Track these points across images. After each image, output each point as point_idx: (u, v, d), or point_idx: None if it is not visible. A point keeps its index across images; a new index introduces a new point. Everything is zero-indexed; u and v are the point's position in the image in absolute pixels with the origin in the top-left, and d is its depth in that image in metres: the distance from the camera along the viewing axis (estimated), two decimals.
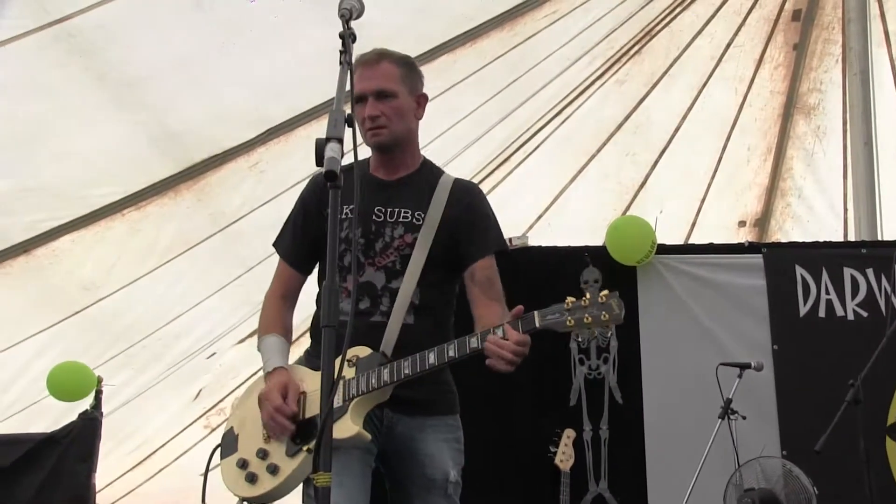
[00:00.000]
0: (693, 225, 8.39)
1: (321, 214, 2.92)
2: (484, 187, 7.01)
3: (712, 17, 7.36)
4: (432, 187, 3.03)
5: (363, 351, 2.79)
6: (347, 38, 2.53)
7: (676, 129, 8.04)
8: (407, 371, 2.67)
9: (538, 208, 8.06)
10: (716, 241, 6.75)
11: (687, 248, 6.20)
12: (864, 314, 5.46)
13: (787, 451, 5.07)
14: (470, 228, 2.95)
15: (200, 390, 8.04)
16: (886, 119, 7.09)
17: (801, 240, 8.29)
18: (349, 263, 2.88)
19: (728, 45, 7.59)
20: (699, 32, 7.44)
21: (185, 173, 6.24)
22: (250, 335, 7.56)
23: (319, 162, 2.25)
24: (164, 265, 6.66)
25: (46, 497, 6.04)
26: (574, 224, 8.04)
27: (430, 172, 3.11)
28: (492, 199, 3.21)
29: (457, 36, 6.32)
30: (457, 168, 6.88)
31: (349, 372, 2.74)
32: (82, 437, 6.24)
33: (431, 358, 2.66)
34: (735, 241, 8.30)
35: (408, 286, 2.90)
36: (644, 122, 7.88)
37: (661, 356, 5.48)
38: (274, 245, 3.15)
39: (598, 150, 7.86)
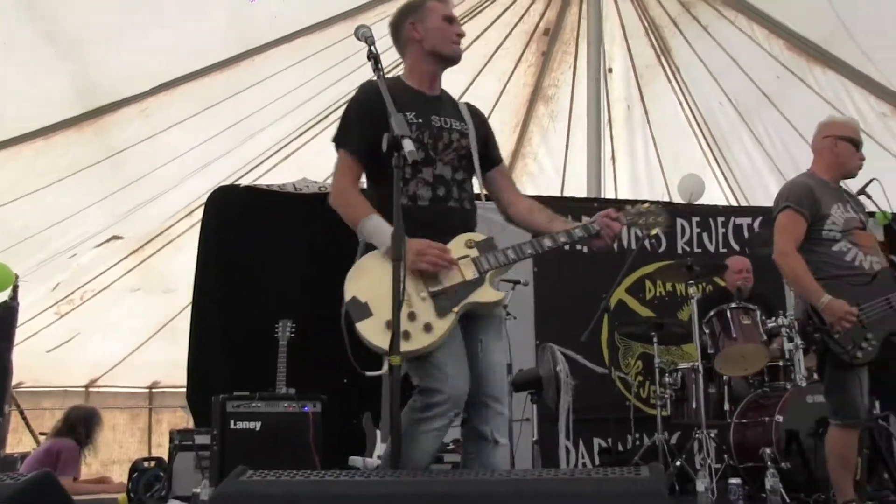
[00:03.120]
0: None
1: (382, 118, 2.99)
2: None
3: (489, 26, 9.31)
4: (455, 104, 3.45)
5: (477, 236, 3.20)
6: (378, 56, 3.03)
7: None
8: (529, 251, 3.19)
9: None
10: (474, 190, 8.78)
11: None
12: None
13: (539, 341, 6.40)
14: (490, 137, 3.47)
15: (58, 283, 9.30)
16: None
17: (532, 189, 10.42)
18: (423, 158, 3.15)
19: (498, 48, 9.56)
20: (479, 36, 9.27)
21: (91, 114, 7.53)
22: (107, 241, 9.02)
23: (393, 151, 2.81)
24: (59, 181, 7.88)
25: None
26: None
27: (448, 93, 3.50)
28: (309, 150, 5.39)
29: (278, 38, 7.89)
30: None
31: (472, 252, 3.12)
32: (4, 322, 7.43)
33: (548, 242, 3.21)
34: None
35: (472, 180, 3.35)
36: None
37: None
38: (341, 146, 3.26)
39: None
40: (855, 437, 4.22)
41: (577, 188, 10.03)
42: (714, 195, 10.08)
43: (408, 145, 2.80)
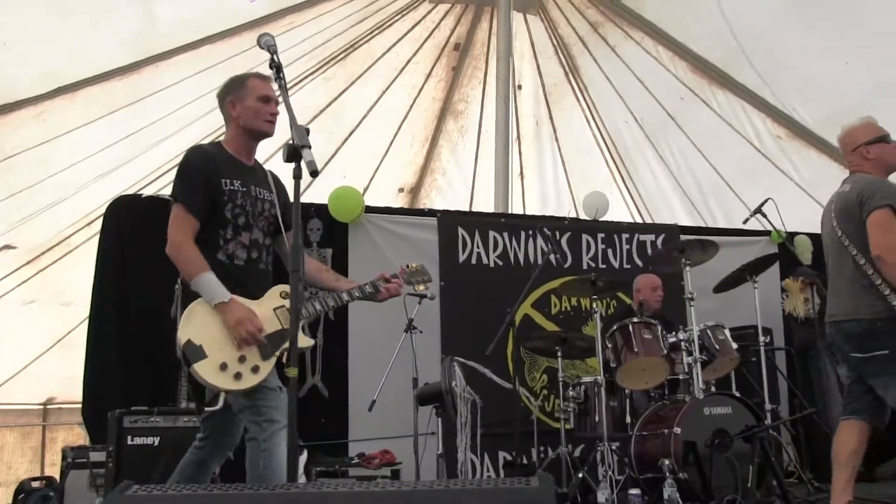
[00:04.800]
0: (366, 189, 10.19)
1: (219, 181, 3.61)
2: None
3: (399, 39, 9.33)
4: (265, 175, 3.84)
5: (289, 288, 3.41)
6: (281, 65, 3.28)
7: (363, 118, 9.82)
8: (331, 303, 3.76)
9: None
10: (381, 203, 8.53)
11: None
12: (501, 263, 7.34)
13: (444, 354, 6.30)
14: (288, 204, 3.76)
15: None
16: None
17: (441, 204, 10.59)
18: (243, 223, 3.63)
19: (408, 62, 9.58)
20: (389, 49, 9.34)
21: None
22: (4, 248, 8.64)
23: (291, 160, 3.02)
24: None
25: None
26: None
27: (259, 163, 3.91)
28: None
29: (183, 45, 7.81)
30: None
31: (286, 302, 3.55)
32: None
33: (345, 296, 3.78)
34: (395, 203, 10.50)
35: (278, 244, 3.85)
36: (340, 109, 9.56)
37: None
38: (182, 202, 3.59)
39: None
40: None
41: (486, 203, 10.05)
42: (619, 212, 10.25)
43: (307, 155, 2.99)
